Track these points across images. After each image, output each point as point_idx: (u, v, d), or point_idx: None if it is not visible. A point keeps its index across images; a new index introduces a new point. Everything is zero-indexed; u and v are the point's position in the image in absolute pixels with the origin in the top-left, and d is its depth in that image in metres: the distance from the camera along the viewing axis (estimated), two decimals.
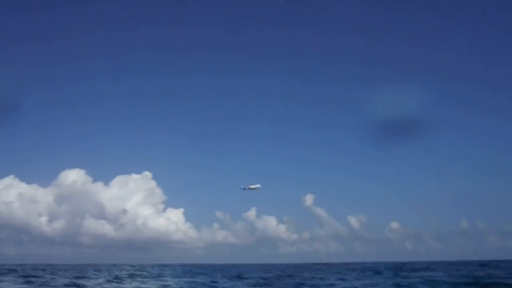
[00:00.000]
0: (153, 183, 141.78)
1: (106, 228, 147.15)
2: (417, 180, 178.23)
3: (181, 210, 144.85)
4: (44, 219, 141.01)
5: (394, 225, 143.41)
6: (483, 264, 66.23)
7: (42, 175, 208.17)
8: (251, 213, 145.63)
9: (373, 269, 55.86)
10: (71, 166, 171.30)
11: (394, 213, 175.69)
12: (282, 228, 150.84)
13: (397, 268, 56.59)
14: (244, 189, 70.02)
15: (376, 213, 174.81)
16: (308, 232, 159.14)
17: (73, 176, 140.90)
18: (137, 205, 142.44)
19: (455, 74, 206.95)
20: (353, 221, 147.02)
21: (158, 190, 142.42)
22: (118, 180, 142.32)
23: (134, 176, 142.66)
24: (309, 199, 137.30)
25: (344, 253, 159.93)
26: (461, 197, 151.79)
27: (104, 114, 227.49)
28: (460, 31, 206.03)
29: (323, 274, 49.98)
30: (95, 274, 49.92)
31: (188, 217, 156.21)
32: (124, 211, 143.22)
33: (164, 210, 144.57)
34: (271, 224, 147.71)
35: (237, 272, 56.67)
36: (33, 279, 38.15)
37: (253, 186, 70.12)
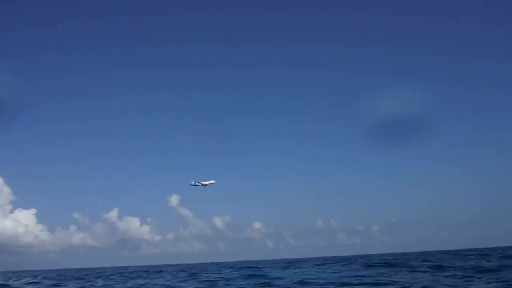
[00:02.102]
0: None
1: None
2: (278, 182, 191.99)
3: (33, 211, 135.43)
4: None
5: (257, 225, 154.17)
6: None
7: None
8: (113, 214, 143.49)
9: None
10: None
11: (257, 213, 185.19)
12: (145, 229, 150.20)
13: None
14: (195, 185, 63.38)
15: (240, 213, 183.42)
16: (173, 233, 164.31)
17: None
18: None
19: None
20: (217, 221, 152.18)
21: (6, 189, 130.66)
22: None
23: None
24: (174, 199, 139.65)
25: (208, 253, 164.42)
26: (318, 198, 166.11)
27: None
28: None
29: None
30: None
31: (41, 218, 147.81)
32: None
33: (12, 211, 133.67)
34: (134, 225, 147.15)
35: None
36: None
37: (206, 182, 62.97)
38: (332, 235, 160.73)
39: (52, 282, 44.78)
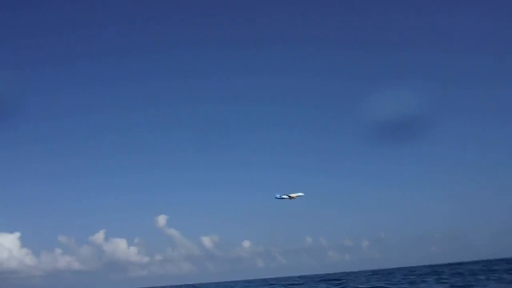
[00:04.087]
0: None
1: None
2: (264, 200, 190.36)
3: (17, 234, 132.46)
4: None
5: (246, 243, 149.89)
6: None
7: None
8: (99, 236, 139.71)
9: None
10: None
11: (246, 232, 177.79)
12: (133, 250, 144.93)
13: None
14: (281, 198, 60.70)
15: (228, 232, 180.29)
16: (161, 254, 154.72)
17: None
18: None
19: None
20: (206, 241, 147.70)
21: None
22: None
23: None
24: (161, 219, 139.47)
25: (197, 274, 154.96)
26: (306, 215, 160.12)
27: None
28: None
29: None
30: None
31: (24, 242, 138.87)
32: None
33: None
34: (121, 247, 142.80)
35: None
36: None
37: (294, 195, 60.95)
38: (321, 252, 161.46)
39: None
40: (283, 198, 59.48)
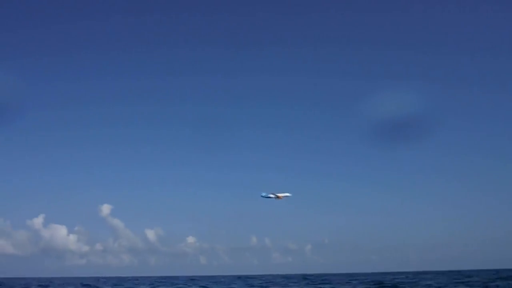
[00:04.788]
0: None
1: None
2: (213, 195, 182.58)
3: None
4: None
5: (190, 239, 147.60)
6: None
7: None
8: (38, 221, 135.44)
9: None
10: None
11: (191, 227, 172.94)
12: (72, 238, 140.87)
13: None
14: (267, 197, 59.82)
15: (173, 226, 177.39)
16: (101, 244, 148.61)
17: None
18: None
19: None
20: (150, 234, 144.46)
21: None
22: None
23: None
24: (106, 209, 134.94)
25: (137, 266, 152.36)
26: (251, 215, 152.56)
27: None
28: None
29: None
30: None
31: None
32: None
33: None
34: (60, 233, 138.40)
35: None
36: None
37: (281, 195, 60.50)
38: (266, 253, 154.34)
39: None
40: (269, 197, 58.57)
